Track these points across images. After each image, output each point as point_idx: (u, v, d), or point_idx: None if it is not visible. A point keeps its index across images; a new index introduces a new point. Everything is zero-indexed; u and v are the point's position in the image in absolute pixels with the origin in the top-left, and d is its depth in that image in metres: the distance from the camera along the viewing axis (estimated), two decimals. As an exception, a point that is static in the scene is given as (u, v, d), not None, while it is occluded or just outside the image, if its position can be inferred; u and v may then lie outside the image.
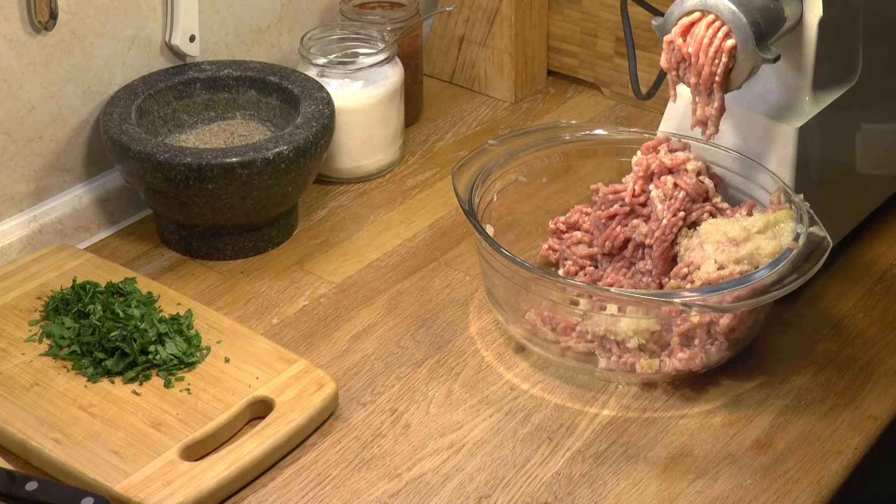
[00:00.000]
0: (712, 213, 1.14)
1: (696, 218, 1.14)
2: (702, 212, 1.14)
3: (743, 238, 1.08)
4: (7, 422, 1.01)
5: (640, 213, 1.17)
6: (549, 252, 1.22)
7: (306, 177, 1.25)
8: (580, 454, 1.03)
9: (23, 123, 1.21)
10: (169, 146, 1.19)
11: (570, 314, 1.09)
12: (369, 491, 0.99)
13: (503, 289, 1.12)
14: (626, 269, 1.17)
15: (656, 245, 1.14)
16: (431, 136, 1.47)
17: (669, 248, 1.14)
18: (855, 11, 1.17)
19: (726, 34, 1.09)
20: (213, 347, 1.09)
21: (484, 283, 1.18)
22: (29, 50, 1.19)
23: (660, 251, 1.14)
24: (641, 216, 1.16)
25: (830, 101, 1.17)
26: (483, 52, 1.53)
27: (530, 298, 1.10)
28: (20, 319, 1.12)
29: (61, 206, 1.26)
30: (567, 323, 1.10)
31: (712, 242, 1.08)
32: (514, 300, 1.12)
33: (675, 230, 1.14)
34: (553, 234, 1.23)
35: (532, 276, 1.08)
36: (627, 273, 1.17)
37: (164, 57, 1.32)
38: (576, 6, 1.52)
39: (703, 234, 1.10)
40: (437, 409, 1.07)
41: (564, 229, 1.22)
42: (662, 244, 1.14)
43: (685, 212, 1.14)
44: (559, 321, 1.10)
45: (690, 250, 1.11)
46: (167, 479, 0.96)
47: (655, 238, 1.14)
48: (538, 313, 1.11)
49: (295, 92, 1.29)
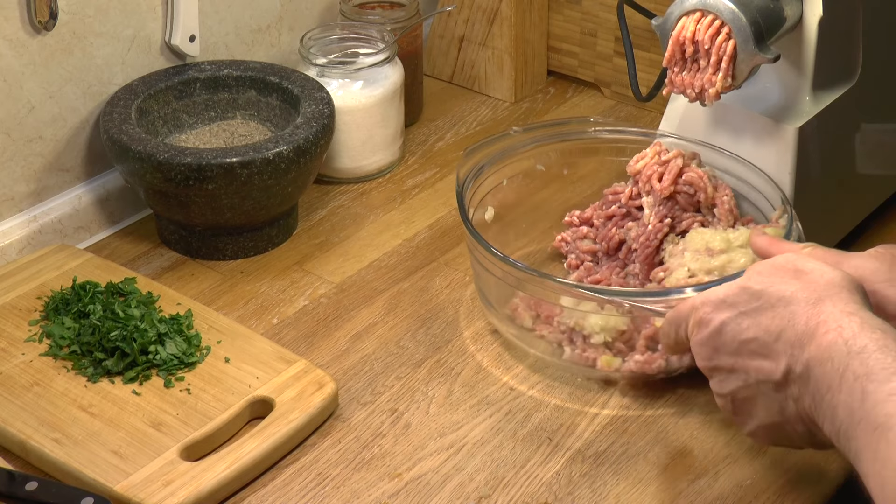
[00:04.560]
0: (703, 223, 1.15)
1: (687, 226, 1.15)
2: (692, 220, 1.15)
3: (720, 250, 1.08)
4: (7, 422, 1.01)
5: (635, 216, 1.18)
6: (560, 244, 1.23)
7: (306, 177, 1.25)
8: (580, 454, 1.03)
9: (23, 123, 1.21)
10: (169, 146, 1.19)
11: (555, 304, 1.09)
12: (369, 491, 0.99)
13: (479, 278, 1.14)
14: (620, 270, 1.18)
15: (640, 249, 1.16)
16: (431, 136, 1.47)
17: (654, 252, 1.15)
18: (855, 11, 1.17)
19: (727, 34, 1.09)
20: (213, 347, 1.09)
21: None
22: (29, 50, 1.19)
23: (643, 255, 1.16)
24: (636, 219, 1.17)
25: (830, 101, 1.17)
26: (483, 52, 1.53)
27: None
28: (20, 319, 1.12)
29: (61, 206, 1.26)
30: (550, 312, 1.10)
31: (692, 251, 1.09)
32: (481, 284, 1.14)
33: (660, 236, 1.15)
34: (568, 227, 1.24)
35: (491, 259, 1.09)
36: (620, 273, 1.18)
37: (164, 57, 1.32)
38: (576, 6, 1.52)
39: (688, 241, 1.11)
40: (437, 409, 1.07)
41: (577, 223, 1.22)
42: (646, 249, 1.15)
43: (672, 219, 1.15)
44: (543, 309, 1.10)
45: (673, 256, 1.12)
46: (167, 479, 0.96)
47: (640, 242, 1.16)
48: (523, 298, 1.11)
49: (295, 92, 1.29)
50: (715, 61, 1.10)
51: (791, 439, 0.89)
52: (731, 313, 0.87)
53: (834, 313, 0.82)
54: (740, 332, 0.87)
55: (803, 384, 0.82)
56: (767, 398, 0.87)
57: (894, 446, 0.72)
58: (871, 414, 0.75)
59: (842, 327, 0.80)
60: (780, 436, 0.89)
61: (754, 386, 0.87)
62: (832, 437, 0.80)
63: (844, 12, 1.16)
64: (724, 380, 0.90)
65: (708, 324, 0.89)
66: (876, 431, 0.74)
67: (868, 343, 0.78)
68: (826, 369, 0.80)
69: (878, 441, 0.74)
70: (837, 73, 1.19)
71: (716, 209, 1.15)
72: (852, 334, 0.79)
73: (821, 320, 0.82)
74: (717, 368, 0.89)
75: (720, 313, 0.88)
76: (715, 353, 0.89)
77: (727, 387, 0.89)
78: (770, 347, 0.85)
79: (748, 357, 0.87)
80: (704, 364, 0.91)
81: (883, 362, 0.77)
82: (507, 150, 1.21)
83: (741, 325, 0.87)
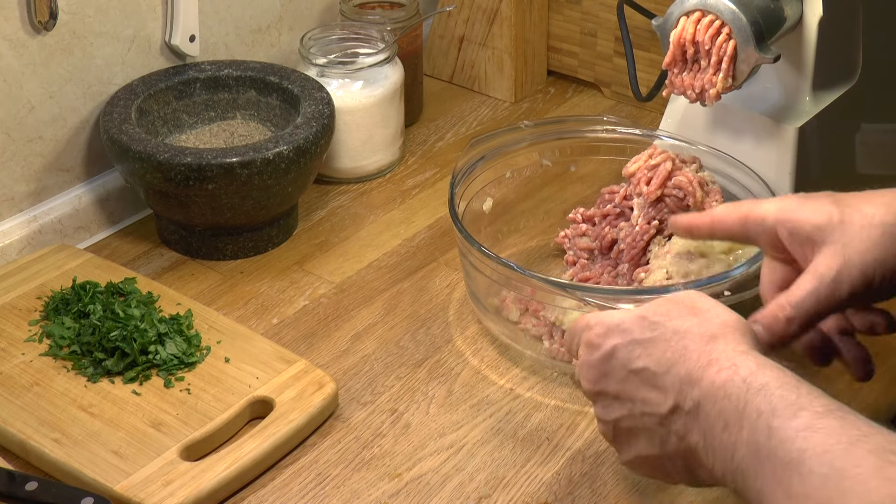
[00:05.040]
0: None
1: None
2: None
3: (700, 254, 1.08)
4: (7, 422, 1.01)
5: (628, 216, 1.18)
6: (563, 240, 1.23)
7: (306, 177, 1.25)
8: (580, 454, 1.03)
9: (23, 123, 1.21)
10: (169, 146, 1.19)
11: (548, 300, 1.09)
12: (369, 491, 0.99)
13: (468, 275, 1.15)
14: (612, 268, 1.18)
15: (627, 250, 1.16)
16: (431, 136, 1.47)
17: (640, 253, 1.16)
18: (855, 11, 1.17)
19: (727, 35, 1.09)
20: (213, 347, 1.09)
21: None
22: (29, 50, 1.19)
23: (630, 256, 1.16)
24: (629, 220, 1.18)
25: (830, 101, 1.17)
26: (483, 52, 1.53)
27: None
28: (20, 319, 1.12)
29: (61, 206, 1.26)
30: (537, 306, 1.10)
31: (675, 254, 1.10)
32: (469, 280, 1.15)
33: (647, 237, 1.15)
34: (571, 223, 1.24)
35: (474, 252, 1.09)
36: (612, 272, 1.18)
37: (164, 57, 1.32)
38: (576, 6, 1.52)
39: (672, 244, 1.12)
40: (437, 409, 1.07)
41: (581, 220, 1.23)
42: (632, 250, 1.16)
43: (660, 221, 1.15)
44: (532, 303, 1.10)
45: (657, 258, 1.13)
46: (167, 479, 0.96)
47: (627, 243, 1.16)
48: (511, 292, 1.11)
49: (295, 92, 1.29)
50: (715, 62, 1.10)
51: (668, 474, 0.86)
52: (623, 339, 0.85)
53: (727, 352, 0.80)
54: (631, 361, 0.84)
55: (691, 420, 0.80)
56: (650, 431, 0.84)
57: (810, 481, 0.71)
58: (779, 451, 0.73)
59: (737, 365, 0.79)
60: (657, 469, 0.87)
61: (638, 417, 0.85)
62: (726, 475, 0.78)
63: (844, 12, 1.16)
64: (608, 406, 0.87)
65: (598, 347, 0.86)
66: (787, 468, 0.72)
67: (769, 381, 0.77)
68: (721, 406, 0.78)
69: (790, 478, 0.72)
70: (837, 73, 1.19)
71: None
72: (749, 372, 0.78)
73: (713, 358, 0.80)
74: (603, 393, 0.87)
75: (612, 338, 0.86)
76: (602, 378, 0.86)
77: (611, 414, 0.87)
78: (659, 379, 0.83)
79: (636, 387, 0.84)
80: (589, 388, 0.88)
81: (787, 399, 0.75)
82: (513, 144, 1.22)
83: (633, 353, 0.84)
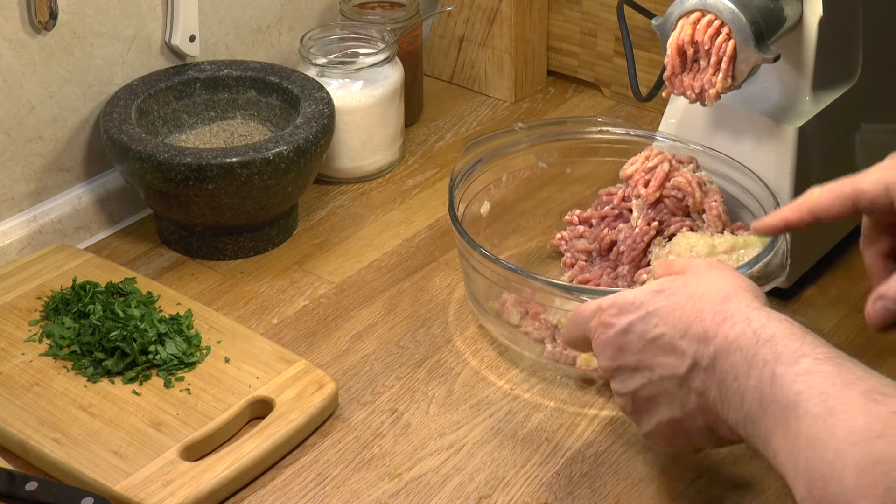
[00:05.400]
0: (692, 227, 1.15)
1: (675, 230, 1.15)
2: (681, 225, 1.15)
3: (704, 255, 1.08)
4: (7, 422, 1.01)
5: (627, 218, 1.18)
6: (560, 242, 1.23)
7: (306, 177, 1.25)
8: (580, 454, 1.03)
9: (23, 123, 1.21)
10: (169, 146, 1.20)
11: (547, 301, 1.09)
12: (369, 491, 0.99)
13: (468, 278, 1.15)
14: (612, 270, 1.18)
15: (627, 251, 1.16)
16: (431, 136, 1.47)
17: (640, 255, 1.16)
18: (855, 11, 1.17)
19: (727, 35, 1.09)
20: (213, 347, 1.09)
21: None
22: (29, 50, 1.19)
23: (630, 257, 1.16)
24: (628, 221, 1.18)
25: (830, 101, 1.17)
26: (483, 52, 1.53)
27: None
28: (20, 319, 1.12)
29: (61, 206, 1.26)
30: (538, 309, 1.10)
31: (676, 254, 1.10)
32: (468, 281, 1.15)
33: (647, 239, 1.15)
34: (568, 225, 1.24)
35: (474, 255, 1.09)
36: (612, 274, 1.18)
37: (164, 57, 1.32)
38: (576, 6, 1.52)
39: (674, 245, 1.12)
40: (437, 409, 1.07)
41: (577, 222, 1.23)
42: (633, 251, 1.16)
43: (660, 222, 1.15)
44: (531, 306, 1.10)
45: (658, 259, 1.12)
46: (167, 479, 0.96)
47: (627, 245, 1.16)
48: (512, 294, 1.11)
49: (295, 92, 1.29)
50: (715, 62, 1.10)
51: (690, 437, 0.90)
52: (638, 314, 0.89)
53: (741, 308, 0.85)
54: (647, 332, 0.88)
55: (708, 376, 0.85)
56: (670, 395, 0.89)
57: (804, 421, 0.75)
58: (780, 394, 0.78)
59: (749, 319, 0.83)
60: (679, 434, 0.91)
61: (658, 383, 0.89)
62: (738, 424, 0.82)
63: (844, 12, 1.16)
64: (626, 379, 0.91)
65: (613, 326, 0.90)
66: (786, 410, 0.77)
67: (776, 332, 0.81)
68: (734, 359, 0.82)
69: (787, 419, 0.76)
70: (837, 73, 1.19)
71: (704, 214, 1.15)
72: (761, 325, 0.82)
73: (727, 315, 0.85)
74: (621, 368, 0.91)
75: (627, 316, 0.90)
76: (619, 353, 0.90)
77: (629, 385, 0.91)
78: (677, 343, 0.87)
79: (653, 354, 0.88)
80: (607, 364, 0.92)
81: (790, 347, 0.79)
82: (509, 146, 1.22)
83: (649, 323, 0.88)
